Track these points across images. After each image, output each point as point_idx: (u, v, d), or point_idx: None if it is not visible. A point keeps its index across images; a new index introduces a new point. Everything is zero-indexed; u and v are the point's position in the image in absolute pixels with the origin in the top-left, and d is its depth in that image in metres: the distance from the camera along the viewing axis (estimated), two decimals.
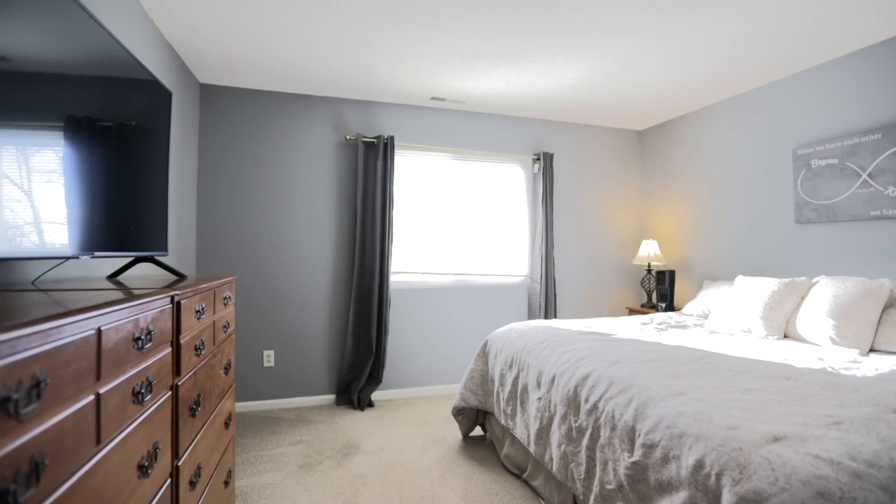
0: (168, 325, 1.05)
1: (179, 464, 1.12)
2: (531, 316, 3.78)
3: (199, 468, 1.28)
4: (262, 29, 2.38)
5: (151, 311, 0.95)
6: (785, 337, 2.35)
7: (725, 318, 2.56)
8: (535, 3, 2.11)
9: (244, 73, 2.95)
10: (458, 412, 2.63)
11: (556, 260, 3.91)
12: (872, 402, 1.35)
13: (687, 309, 3.17)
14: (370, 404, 3.28)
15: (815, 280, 2.40)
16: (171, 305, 1.07)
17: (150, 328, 0.93)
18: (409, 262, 3.55)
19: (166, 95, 1.71)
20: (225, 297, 1.64)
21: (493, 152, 3.74)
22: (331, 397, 3.34)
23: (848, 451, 1.06)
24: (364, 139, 3.33)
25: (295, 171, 3.31)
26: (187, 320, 1.19)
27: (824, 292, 2.24)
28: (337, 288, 3.38)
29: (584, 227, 4.03)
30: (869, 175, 2.47)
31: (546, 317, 3.67)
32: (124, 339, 0.81)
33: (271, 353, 3.22)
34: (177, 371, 1.12)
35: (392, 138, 3.36)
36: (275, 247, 3.25)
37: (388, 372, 3.48)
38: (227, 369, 1.66)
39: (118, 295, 0.90)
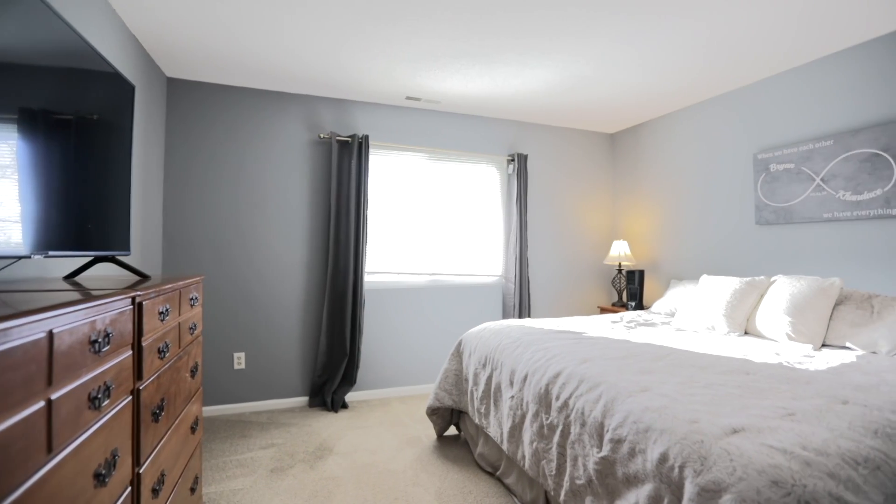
0: (128, 327, 1.01)
1: (141, 471, 1.08)
2: (505, 315, 3.82)
3: (162, 475, 1.24)
4: (234, 23, 2.32)
5: (110, 313, 0.91)
6: (745, 333, 2.45)
7: (691, 316, 2.65)
8: (509, 5, 2.14)
9: (214, 67, 2.87)
10: (433, 412, 2.63)
11: (530, 260, 3.96)
12: (823, 394, 1.43)
13: (655, 307, 3.27)
14: (344, 406, 3.24)
15: (773, 279, 2.51)
16: (131, 307, 1.03)
17: (109, 330, 0.90)
18: (384, 261, 3.53)
19: (129, 89, 1.64)
20: (191, 298, 1.60)
21: (467, 153, 3.76)
22: (304, 399, 3.29)
23: (800, 440, 1.12)
24: (338, 138, 3.29)
25: (267, 170, 3.24)
26: (150, 322, 1.15)
27: (781, 291, 2.35)
28: (310, 288, 3.33)
29: (557, 228, 4.09)
30: (822, 179, 2.60)
31: (520, 316, 3.71)
32: (79, 342, 0.78)
33: (242, 355, 3.15)
34: (138, 375, 1.08)
35: (367, 137, 3.33)
36: (246, 246, 3.18)
37: (363, 373, 3.45)
38: (193, 372, 1.61)
39: (74, 296, 0.86)
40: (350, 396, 3.39)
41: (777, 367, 1.76)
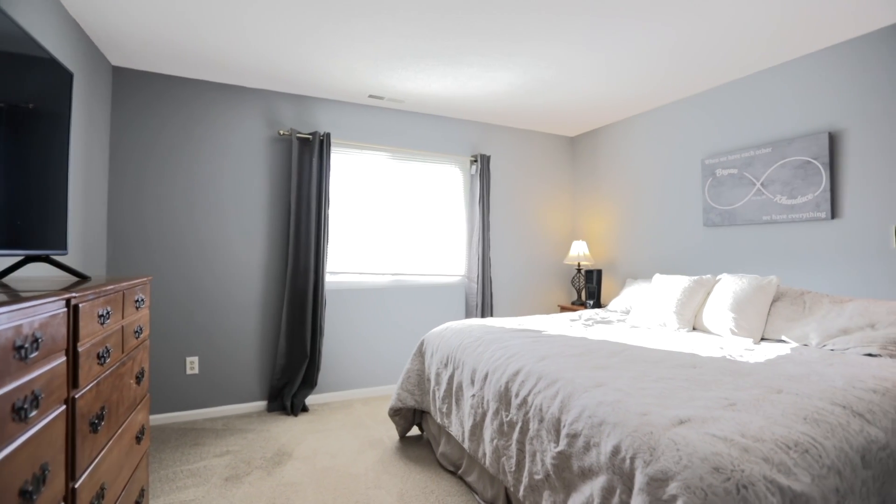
0: (62, 331, 0.95)
1: (76, 486, 1.01)
2: (468, 315, 3.84)
3: (102, 489, 1.16)
4: (188, 11, 2.21)
5: (39, 316, 0.85)
6: (694, 329, 2.58)
7: (644, 314, 2.77)
8: (472, 7, 2.16)
9: (166, 57, 2.73)
10: (395, 413, 2.62)
11: (493, 260, 4.01)
12: (761, 385, 1.52)
13: (612, 305, 3.39)
14: (304, 409, 3.16)
15: (718, 278, 2.66)
16: (65, 309, 0.96)
17: (38, 335, 0.83)
18: (346, 261, 3.47)
19: (66, 76, 1.53)
20: (137, 300, 1.51)
21: (431, 153, 3.76)
22: (262, 404, 3.19)
23: (739, 428, 1.19)
24: (298, 135, 3.21)
25: (223, 166, 3.11)
26: (88, 326, 1.08)
27: (726, 288, 2.50)
28: (269, 289, 3.23)
29: (519, 229, 4.17)
30: (762, 184, 2.78)
31: (483, 315, 3.75)
32: (1, 347, 0.72)
33: (195, 359, 3.01)
34: (74, 382, 1.01)
35: (328, 135, 3.27)
36: (201, 246, 3.04)
37: (324, 375, 3.38)
38: (139, 378, 1.53)
39: None
40: (311, 399, 3.31)
41: (721, 360, 1.86)
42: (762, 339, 2.31)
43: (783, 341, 2.22)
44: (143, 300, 1.56)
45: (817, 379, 1.58)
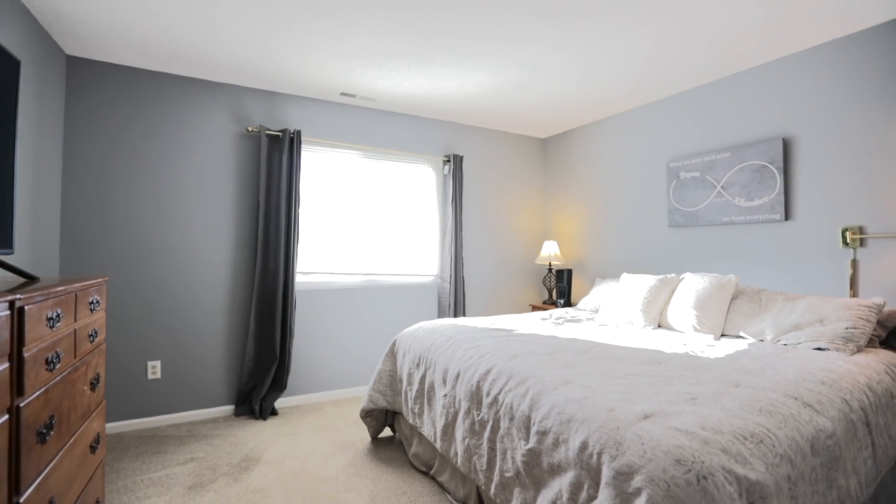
0: (4, 335, 0.89)
1: (21, 500, 0.95)
2: (441, 315, 3.84)
3: (51, 502, 1.10)
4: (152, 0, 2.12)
5: None
6: (659, 326, 2.67)
7: (612, 312, 2.84)
8: (445, 6, 2.16)
9: (127, 48, 2.60)
10: (367, 414, 2.59)
11: (465, 260, 4.03)
12: (720, 379, 1.59)
13: (581, 304, 3.46)
14: (273, 413, 3.09)
15: (682, 276, 2.76)
16: (8, 312, 0.90)
17: None
18: (317, 261, 3.41)
19: (12, 64, 1.44)
20: (92, 302, 1.44)
21: (404, 152, 3.74)
22: (229, 408, 3.09)
23: (699, 421, 1.23)
24: (268, 132, 3.13)
25: (189, 162, 3.00)
26: (35, 329, 1.02)
27: (689, 287, 2.59)
28: (237, 290, 3.14)
29: (491, 229, 4.20)
30: (722, 187, 2.90)
31: (455, 315, 3.76)
32: None
33: (157, 363, 2.89)
34: (19, 390, 0.95)
35: (299, 132, 3.20)
36: (164, 245, 2.92)
37: (294, 377, 3.31)
38: (94, 385, 1.45)
39: None
40: (280, 402, 3.24)
41: (684, 356, 1.93)
42: (722, 335, 2.41)
43: (741, 337, 2.32)
44: (98, 302, 1.48)
45: (772, 372, 1.65)
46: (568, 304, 3.87)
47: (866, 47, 2.30)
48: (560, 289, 3.91)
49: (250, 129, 3.12)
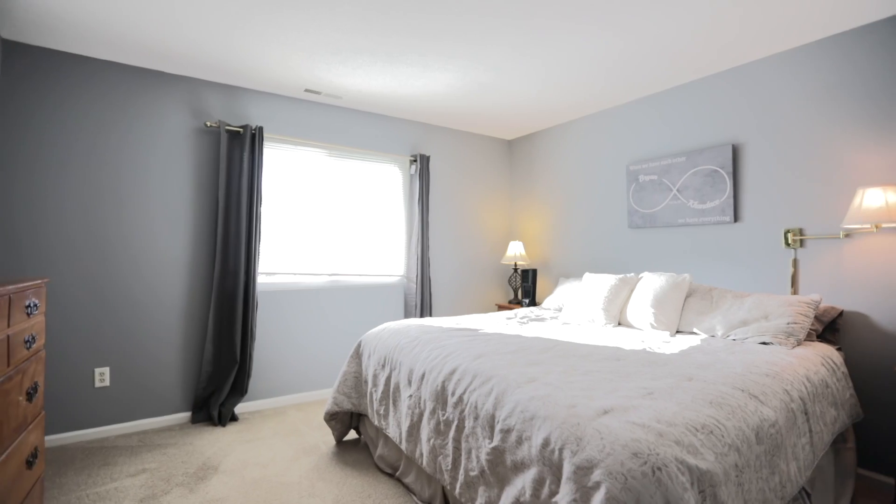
0: None
1: None
2: (407, 315, 3.83)
3: None
4: None
5: None
6: (619, 324, 2.76)
7: (575, 311, 2.91)
8: (411, 5, 2.15)
9: (72, 34, 2.44)
10: (332, 417, 2.54)
11: (432, 260, 4.03)
12: (675, 374, 1.66)
13: (546, 303, 3.53)
14: (234, 418, 2.98)
15: (640, 276, 2.86)
16: None
17: None
18: (280, 261, 3.32)
19: None
20: (28, 306, 1.34)
21: (370, 151, 3.70)
22: (185, 415, 2.96)
23: (655, 415, 1.28)
24: (228, 127, 3.02)
25: (141, 158, 2.85)
26: None
27: (647, 286, 2.69)
28: (194, 291, 3.00)
29: (458, 229, 4.22)
30: (677, 190, 3.03)
31: (422, 315, 3.75)
32: None
33: (105, 370, 2.73)
34: None
35: (261, 129, 3.10)
36: (113, 245, 2.76)
37: (256, 381, 3.20)
38: (30, 395, 1.35)
39: None
40: (241, 408, 3.13)
41: (642, 352, 2.00)
42: (677, 331, 2.52)
43: (695, 333, 2.43)
44: (36, 306, 1.38)
45: (721, 366, 1.74)
46: (533, 303, 3.94)
47: (807, 62, 2.47)
48: (525, 288, 3.97)
49: (209, 123, 3.00)
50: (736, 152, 2.76)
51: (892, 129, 2.18)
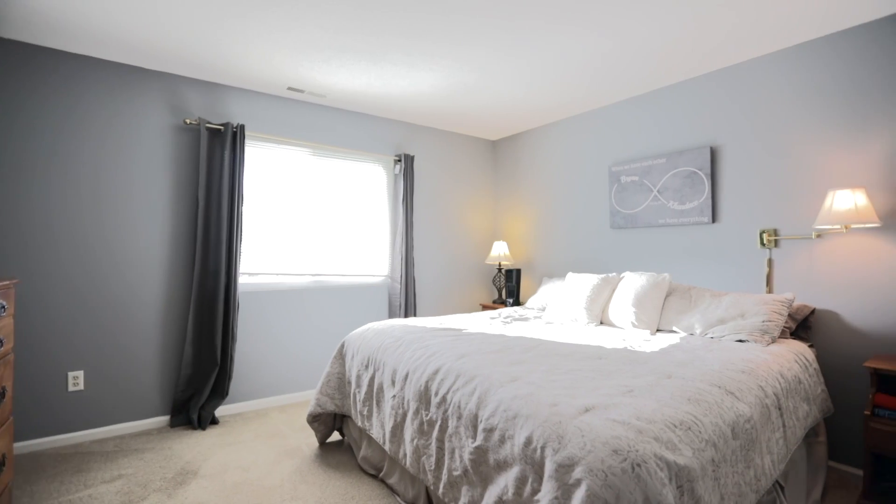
0: None
1: None
2: (392, 315, 3.81)
3: None
4: None
5: None
6: (601, 323, 2.80)
7: (558, 310, 2.94)
8: (395, 4, 2.14)
9: (46, 28, 2.36)
10: (314, 418, 2.52)
11: (416, 260, 4.02)
12: (655, 372, 1.69)
13: (529, 303, 3.56)
14: (214, 422, 2.93)
15: (622, 275, 2.91)
16: None
17: None
18: (263, 262, 3.27)
19: None
20: None
21: (354, 150, 3.67)
22: (164, 419, 2.89)
23: (635, 412, 1.30)
24: (208, 125, 2.96)
25: (118, 155, 2.78)
26: None
27: (628, 285, 2.73)
28: (173, 292, 2.94)
29: (442, 229, 4.22)
30: (658, 191, 3.09)
31: (406, 315, 3.74)
32: None
33: (79, 373, 2.65)
34: None
35: (242, 127, 3.06)
36: (88, 245, 2.68)
37: (237, 383, 3.15)
38: None
39: None
40: (221, 410, 3.07)
41: (623, 351, 2.04)
42: (658, 330, 2.57)
43: (674, 331, 2.48)
44: (3, 307, 1.34)
45: (700, 363, 1.78)
46: (517, 303, 3.97)
47: (783, 66, 2.54)
48: (509, 288, 3.99)
49: (189, 121, 2.93)
50: (714, 154, 2.82)
51: (861, 132, 2.26)
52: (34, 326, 2.54)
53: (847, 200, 2.10)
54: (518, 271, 3.99)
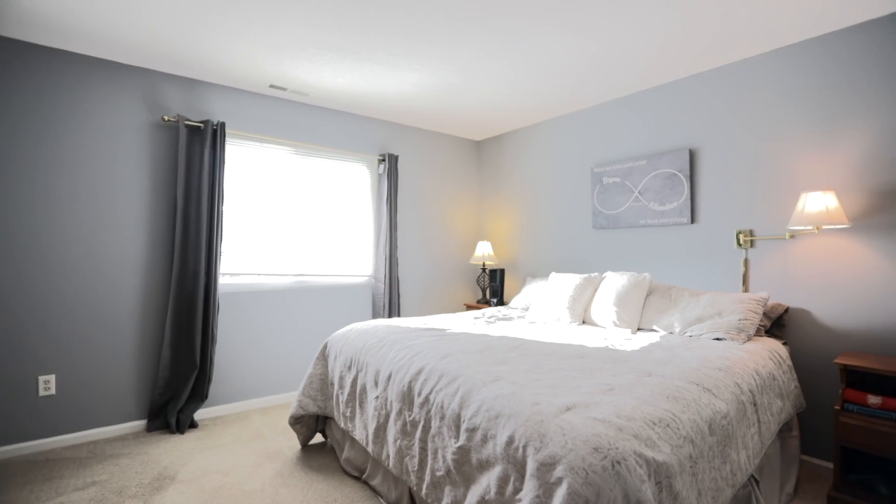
0: None
1: None
2: (375, 315, 3.79)
3: None
4: None
5: None
6: (583, 323, 2.83)
7: (542, 310, 2.96)
8: (377, 3, 2.12)
9: (13, 18, 2.28)
10: (297, 420, 2.49)
11: (400, 260, 4.01)
12: (635, 370, 1.71)
13: (513, 303, 3.58)
14: (193, 425, 2.87)
15: (604, 275, 2.95)
16: None
17: None
18: (244, 262, 3.22)
19: None
20: None
21: (338, 150, 3.64)
22: (140, 423, 2.82)
23: (615, 410, 1.32)
24: (187, 122, 2.90)
25: (93, 153, 2.69)
26: None
27: (610, 285, 2.77)
28: (150, 293, 2.87)
29: (426, 229, 4.21)
30: (639, 192, 3.14)
31: (390, 316, 3.73)
32: None
33: (51, 377, 2.56)
34: None
35: (223, 125, 3.00)
36: (60, 245, 2.60)
37: (217, 385, 3.09)
38: None
39: None
40: (200, 414, 3.01)
41: (604, 350, 2.06)
42: (638, 329, 2.61)
43: (654, 330, 2.52)
44: None
45: (678, 361, 1.82)
46: (501, 302, 3.99)
47: (760, 71, 2.61)
48: (493, 288, 4.01)
49: (167, 118, 2.87)
50: (693, 156, 2.88)
51: (832, 136, 2.34)
52: (1, 331, 2.45)
53: (818, 202, 2.17)
54: (502, 271, 4.01)
